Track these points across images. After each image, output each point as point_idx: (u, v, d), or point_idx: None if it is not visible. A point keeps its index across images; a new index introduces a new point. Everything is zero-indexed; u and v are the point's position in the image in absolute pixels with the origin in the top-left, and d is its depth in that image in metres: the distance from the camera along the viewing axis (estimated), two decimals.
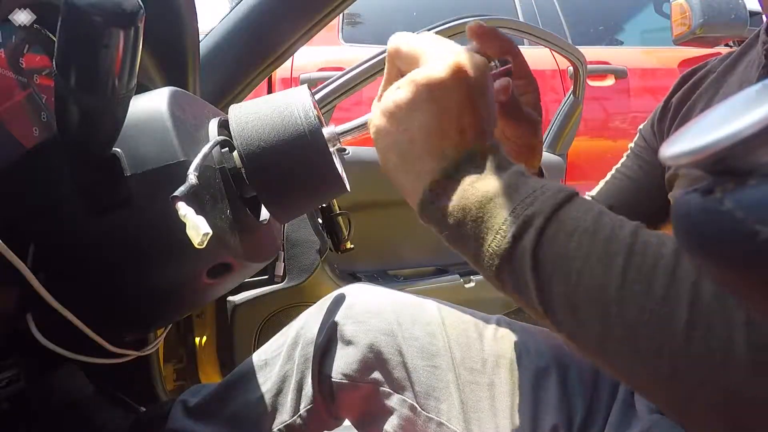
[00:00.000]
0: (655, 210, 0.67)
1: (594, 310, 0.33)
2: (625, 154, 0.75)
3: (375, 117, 0.42)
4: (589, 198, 0.76)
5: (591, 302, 0.33)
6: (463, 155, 0.39)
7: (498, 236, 0.36)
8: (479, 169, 0.39)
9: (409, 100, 0.40)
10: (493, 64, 0.52)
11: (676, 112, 0.66)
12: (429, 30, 1.22)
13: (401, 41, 0.44)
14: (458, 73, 0.40)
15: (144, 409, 0.86)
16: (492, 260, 0.37)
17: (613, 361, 0.34)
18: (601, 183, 0.77)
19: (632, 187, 0.72)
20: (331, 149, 0.51)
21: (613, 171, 0.76)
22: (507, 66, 0.52)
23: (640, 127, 0.74)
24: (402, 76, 0.43)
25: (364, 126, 0.50)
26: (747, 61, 0.59)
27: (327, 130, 0.51)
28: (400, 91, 0.41)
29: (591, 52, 1.99)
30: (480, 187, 0.38)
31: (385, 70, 0.46)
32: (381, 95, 0.44)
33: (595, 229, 0.34)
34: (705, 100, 0.62)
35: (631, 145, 0.74)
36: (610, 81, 2.53)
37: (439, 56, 0.40)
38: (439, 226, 0.40)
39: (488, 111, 0.41)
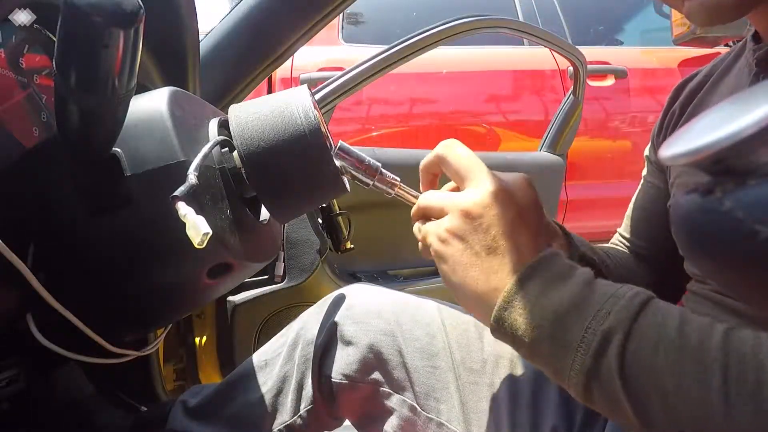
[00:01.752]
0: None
1: (700, 425, 0.32)
2: (639, 184, 0.75)
3: (433, 242, 0.44)
4: (620, 236, 0.75)
5: (695, 419, 0.33)
6: (523, 272, 0.39)
7: (579, 355, 0.36)
8: (542, 282, 0.39)
9: (459, 228, 0.41)
10: None
11: (677, 123, 0.66)
12: (429, 30, 1.22)
13: (450, 153, 0.45)
14: (504, 198, 0.40)
15: (144, 409, 0.86)
16: (578, 378, 0.36)
17: None
18: (625, 218, 0.76)
19: (652, 216, 0.71)
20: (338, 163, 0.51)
21: (631, 204, 0.75)
22: None
23: (645, 154, 0.74)
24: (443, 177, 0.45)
25: (369, 168, 0.51)
26: (738, 68, 0.59)
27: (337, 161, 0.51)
28: (449, 219, 0.42)
29: (591, 52, 1.99)
30: (548, 303, 0.38)
31: (428, 159, 0.48)
32: (422, 208, 0.46)
33: (682, 342, 0.33)
34: (702, 109, 0.62)
35: (644, 173, 0.74)
36: (610, 81, 2.53)
37: (484, 181, 0.41)
38: (515, 345, 0.40)
39: (539, 224, 0.42)
